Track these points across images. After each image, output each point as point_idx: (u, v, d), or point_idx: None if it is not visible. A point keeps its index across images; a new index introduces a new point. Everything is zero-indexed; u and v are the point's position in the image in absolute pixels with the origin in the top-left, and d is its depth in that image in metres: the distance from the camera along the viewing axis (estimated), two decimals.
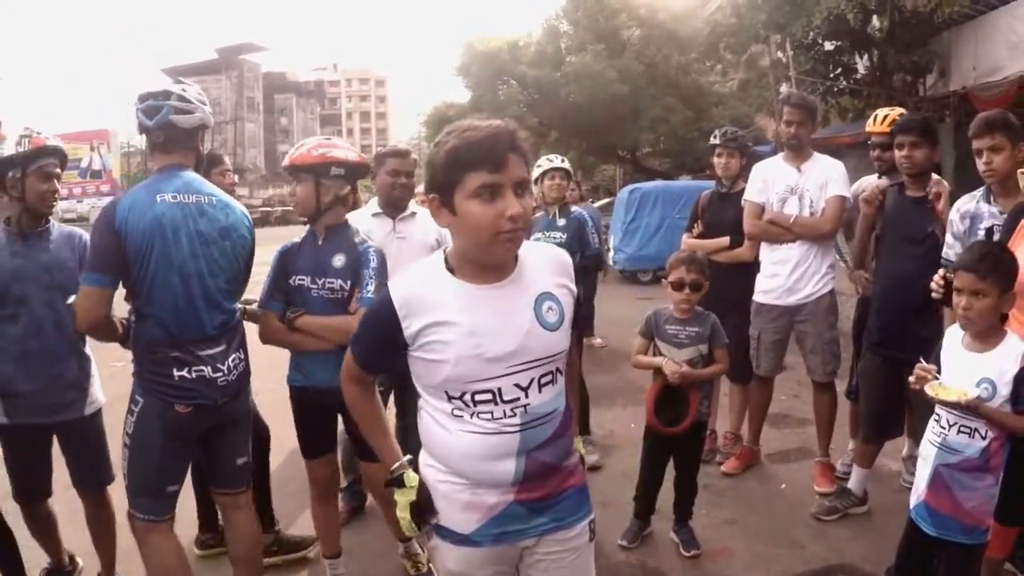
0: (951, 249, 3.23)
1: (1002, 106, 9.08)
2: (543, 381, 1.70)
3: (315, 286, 2.92)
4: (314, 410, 3.04)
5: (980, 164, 3.06)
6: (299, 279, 2.94)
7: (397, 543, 3.45)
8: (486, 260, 1.66)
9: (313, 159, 2.93)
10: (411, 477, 1.78)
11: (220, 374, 2.65)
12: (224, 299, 2.69)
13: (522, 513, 1.73)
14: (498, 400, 1.66)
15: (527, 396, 1.68)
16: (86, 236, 3.15)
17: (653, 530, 3.73)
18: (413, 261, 3.00)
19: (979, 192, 3.20)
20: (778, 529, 3.84)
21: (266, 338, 3.01)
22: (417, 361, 1.70)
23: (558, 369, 1.75)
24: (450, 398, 1.69)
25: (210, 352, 2.63)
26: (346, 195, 2.98)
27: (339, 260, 2.92)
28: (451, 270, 1.69)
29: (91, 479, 3.14)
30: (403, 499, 1.76)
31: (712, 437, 4.65)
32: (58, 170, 3.02)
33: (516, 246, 1.63)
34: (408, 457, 1.83)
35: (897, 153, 3.65)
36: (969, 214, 3.17)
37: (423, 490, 1.76)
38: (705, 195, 4.94)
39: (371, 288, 2.84)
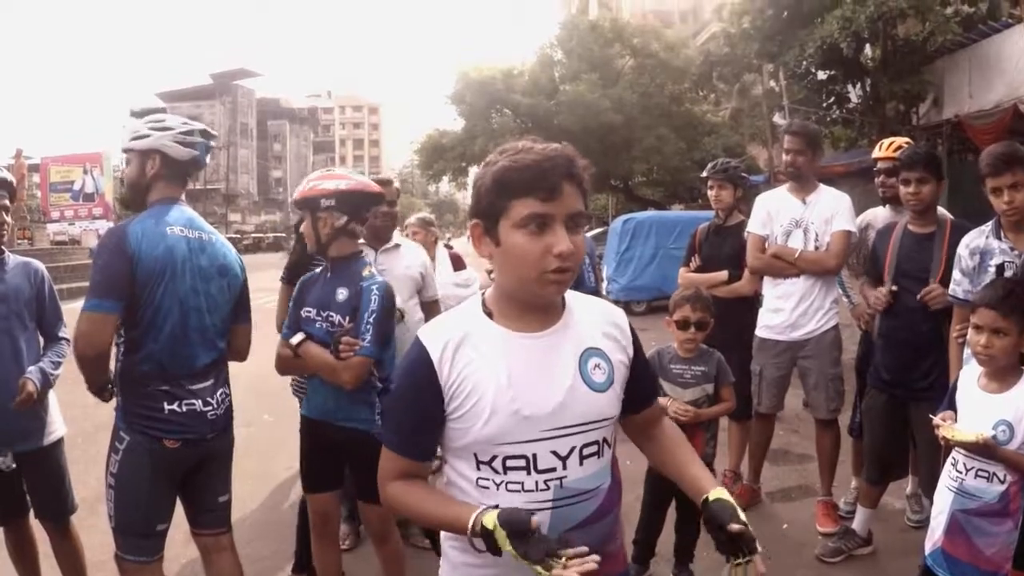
0: (958, 286, 3.13)
1: (996, 134, 9.16)
2: (586, 452, 1.50)
3: (319, 318, 2.90)
4: (315, 441, 3.00)
5: (999, 203, 2.93)
6: (307, 310, 2.94)
7: None
8: (529, 299, 1.49)
9: (303, 193, 2.93)
10: (488, 519, 1.39)
11: (210, 408, 2.64)
12: (216, 336, 2.70)
13: None
14: (531, 469, 1.46)
15: (564, 467, 1.48)
16: (41, 266, 3.16)
17: (652, 574, 3.60)
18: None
19: (987, 227, 3.11)
20: (781, 571, 3.69)
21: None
22: (446, 420, 1.51)
23: (605, 440, 1.55)
24: (479, 463, 1.49)
25: (200, 386, 2.63)
26: (345, 225, 2.91)
27: (342, 294, 2.88)
28: (489, 314, 1.52)
29: (52, 510, 3.09)
30: (504, 546, 1.37)
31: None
32: (6, 202, 2.99)
33: (563, 287, 1.46)
34: (481, 507, 1.45)
35: (903, 189, 3.54)
36: (979, 250, 3.07)
37: (505, 518, 1.38)
38: (702, 228, 4.85)
39: (368, 337, 2.76)
